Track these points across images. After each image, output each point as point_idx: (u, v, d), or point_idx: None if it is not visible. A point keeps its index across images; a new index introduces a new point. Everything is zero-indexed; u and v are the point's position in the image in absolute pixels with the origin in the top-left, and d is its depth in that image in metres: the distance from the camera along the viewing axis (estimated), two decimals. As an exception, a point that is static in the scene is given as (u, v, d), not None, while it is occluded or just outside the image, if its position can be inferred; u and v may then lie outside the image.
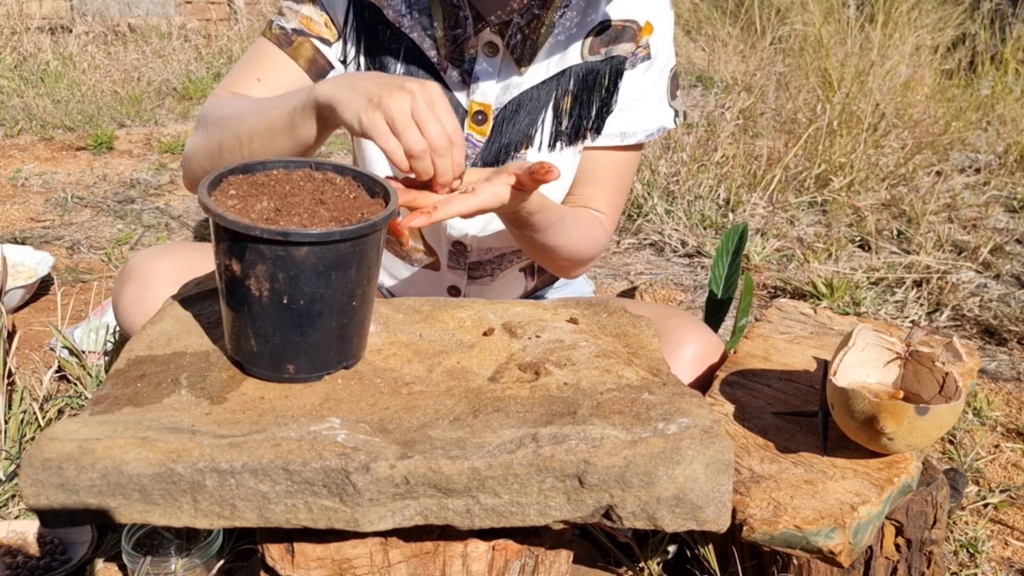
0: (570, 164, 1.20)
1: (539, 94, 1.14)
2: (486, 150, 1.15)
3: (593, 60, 1.15)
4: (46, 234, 2.53)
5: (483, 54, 1.13)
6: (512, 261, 1.27)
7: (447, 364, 0.87)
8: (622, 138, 1.19)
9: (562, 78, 1.15)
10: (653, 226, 2.65)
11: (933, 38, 4.03)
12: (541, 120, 1.15)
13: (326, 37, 1.14)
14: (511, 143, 1.15)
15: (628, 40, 1.15)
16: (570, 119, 1.16)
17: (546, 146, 1.16)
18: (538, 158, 1.16)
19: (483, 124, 1.15)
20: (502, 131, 1.15)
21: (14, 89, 4.02)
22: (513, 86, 1.14)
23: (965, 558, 1.28)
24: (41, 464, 0.69)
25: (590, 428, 0.74)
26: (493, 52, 1.12)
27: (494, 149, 1.15)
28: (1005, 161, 3.25)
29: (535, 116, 1.15)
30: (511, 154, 1.16)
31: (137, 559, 0.99)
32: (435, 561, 0.78)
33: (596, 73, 1.15)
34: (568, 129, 1.16)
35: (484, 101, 1.14)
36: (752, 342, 1.23)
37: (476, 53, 1.13)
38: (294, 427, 0.73)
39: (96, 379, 1.52)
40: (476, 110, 1.14)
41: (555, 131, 1.16)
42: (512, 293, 1.34)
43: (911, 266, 2.35)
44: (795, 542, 0.85)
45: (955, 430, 1.60)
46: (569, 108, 1.16)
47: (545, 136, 1.16)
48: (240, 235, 0.73)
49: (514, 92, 1.14)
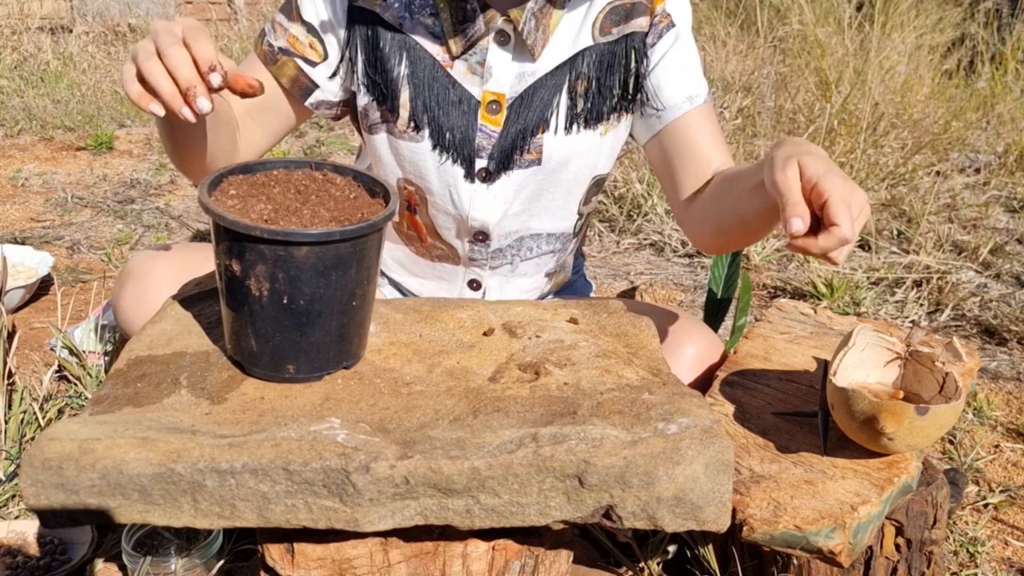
0: (594, 145, 1.18)
1: (554, 80, 1.14)
2: (502, 138, 1.15)
3: (606, 41, 1.14)
4: (46, 234, 2.53)
5: (495, 44, 1.12)
6: (532, 249, 1.26)
7: (447, 364, 0.87)
8: (691, 102, 1.16)
9: (575, 61, 1.14)
10: (653, 226, 2.65)
11: (932, 38, 4.03)
12: (556, 103, 1.15)
13: (311, 58, 1.17)
14: (527, 128, 1.15)
15: (641, 14, 1.14)
16: (586, 101, 1.15)
17: (562, 129, 1.16)
18: (554, 141, 1.16)
19: (497, 114, 1.14)
20: (517, 119, 1.14)
21: (14, 89, 4.02)
22: (528, 74, 1.13)
23: (965, 558, 1.28)
24: (41, 464, 0.69)
25: (590, 428, 0.74)
26: (505, 41, 1.12)
27: (510, 137, 1.15)
28: (1005, 161, 3.25)
29: (549, 100, 1.14)
30: (527, 139, 1.15)
31: (137, 559, 0.99)
32: (435, 561, 0.78)
33: (612, 55, 1.14)
34: (584, 111, 1.16)
35: (498, 91, 1.14)
36: (752, 342, 1.23)
37: (488, 42, 1.12)
38: (294, 427, 0.73)
39: (96, 379, 1.52)
40: (490, 100, 1.14)
41: (571, 114, 1.15)
42: (532, 292, 1.33)
43: (911, 266, 2.35)
44: (795, 542, 0.85)
45: (955, 430, 1.60)
46: (584, 91, 1.15)
47: (561, 119, 1.15)
48: (240, 235, 0.73)
49: (529, 80, 1.13)
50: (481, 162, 1.16)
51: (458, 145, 1.15)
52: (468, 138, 1.14)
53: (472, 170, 1.16)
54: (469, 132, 1.14)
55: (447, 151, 1.15)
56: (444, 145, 1.15)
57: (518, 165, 1.16)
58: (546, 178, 1.18)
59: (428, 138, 1.15)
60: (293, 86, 1.17)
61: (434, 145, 1.15)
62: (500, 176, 1.16)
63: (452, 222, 1.21)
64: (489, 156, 1.16)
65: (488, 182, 1.17)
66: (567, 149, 1.17)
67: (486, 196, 1.18)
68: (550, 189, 1.20)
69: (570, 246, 1.30)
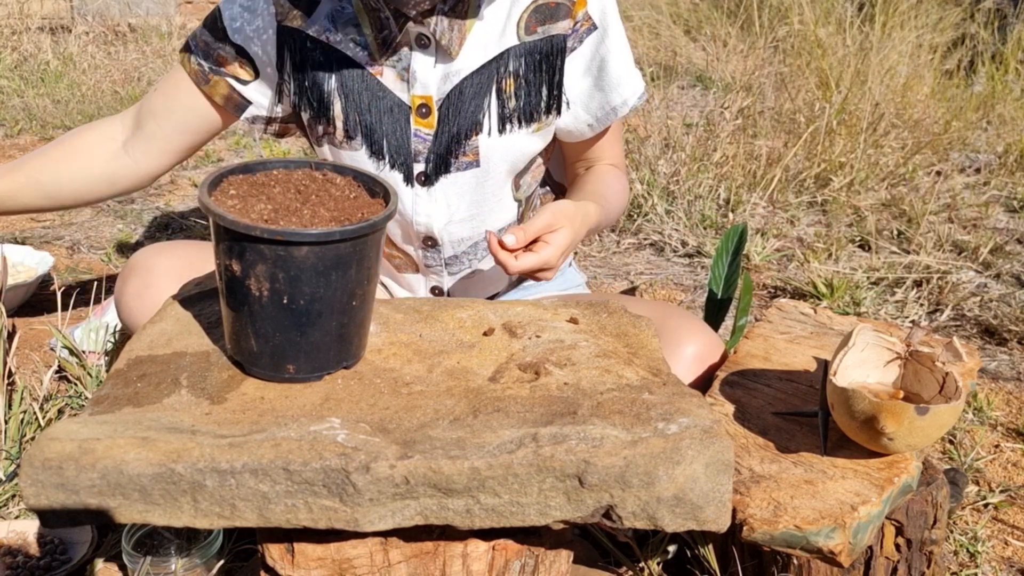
0: (531, 141, 1.20)
1: (480, 79, 1.15)
2: (436, 142, 1.16)
3: (531, 40, 1.15)
4: (46, 234, 2.53)
5: (416, 47, 1.13)
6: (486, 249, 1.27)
7: (447, 364, 0.87)
8: (592, 129, 1.23)
9: (501, 60, 1.15)
10: (653, 226, 2.65)
11: (933, 38, 4.03)
12: (487, 104, 1.16)
13: (242, 77, 1.20)
14: (460, 131, 1.16)
15: (563, 17, 1.15)
16: (517, 99, 1.17)
17: (495, 130, 1.17)
18: (489, 142, 1.17)
19: (428, 117, 1.15)
20: (448, 121, 1.15)
21: (14, 89, 4.02)
22: (452, 74, 1.14)
23: (965, 558, 1.28)
24: (41, 464, 0.69)
25: (590, 428, 0.74)
26: (426, 44, 1.13)
27: (444, 140, 1.16)
28: (1005, 161, 3.25)
29: (480, 101, 1.15)
30: (462, 142, 1.16)
31: (137, 559, 0.99)
32: (435, 561, 0.78)
33: (538, 52, 1.16)
34: (516, 110, 1.17)
35: (425, 93, 1.15)
36: (752, 342, 1.23)
37: (410, 48, 1.13)
38: (294, 427, 0.74)
39: (96, 379, 1.52)
40: (419, 104, 1.15)
41: (502, 114, 1.17)
42: (497, 285, 1.34)
43: (911, 266, 2.35)
44: (795, 542, 0.85)
45: (955, 430, 1.60)
46: (514, 90, 1.16)
47: (493, 120, 1.16)
48: (240, 235, 0.73)
49: (455, 80, 1.14)
50: (419, 166, 1.17)
51: (394, 151, 1.17)
52: (403, 144, 1.16)
53: (411, 175, 1.18)
54: (403, 138, 1.16)
55: (383, 158, 1.17)
56: (380, 152, 1.17)
57: (456, 168, 1.18)
58: (486, 179, 1.20)
59: (364, 146, 1.17)
60: (227, 103, 1.22)
61: (370, 153, 1.17)
62: (439, 179, 1.18)
63: (398, 227, 1.24)
64: (426, 160, 1.17)
65: (427, 185, 1.18)
66: (503, 149, 1.18)
67: (427, 200, 1.19)
68: (492, 188, 1.21)
69: None
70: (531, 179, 1.28)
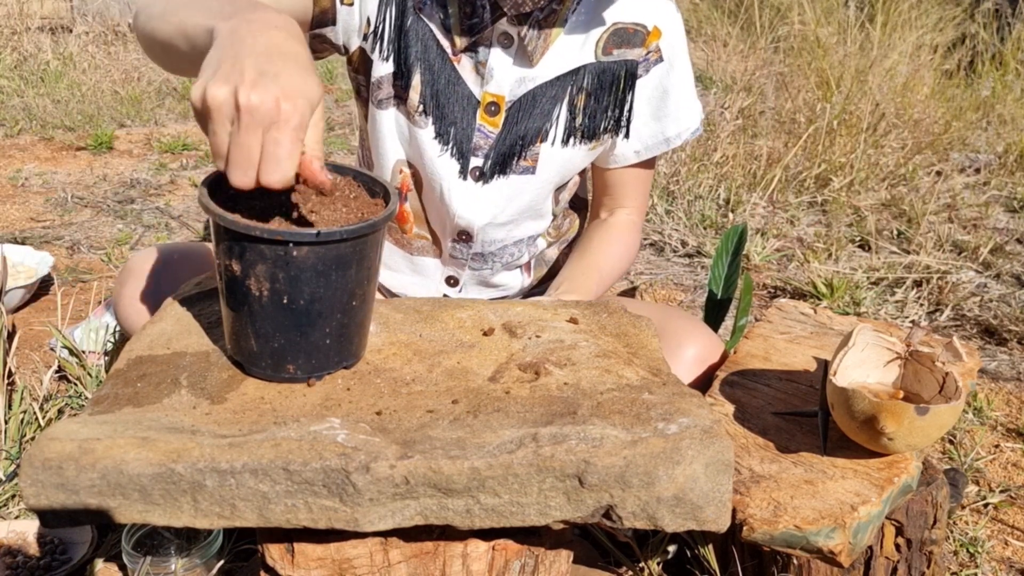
0: (585, 158, 1.22)
1: (555, 89, 1.15)
2: (500, 141, 1.16)
3: (607, 60, 1.16)
4: (46, 234, 2.53)
5: (498, 45, 1.13)
6: (514, 255, 1.27)
7: (447, 364, 0.87)
8: (666, 144, 1.24)
9: (577, 75, 1.16)
10: (653, 226, 2.65)
11: (933, 38, 4.03)
12: (556, 115, 1.16)
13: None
14: (526, 136, 1.16)
15: (638, 44, 1.17)
16: (584, 116, 1.18)
17: (559, 141, 1.18)
18: (551, 152, 1.18)
19: (495, 115, 1.16)
20: (516, 123, 1.16)
21: (14, 89, 4.02)
22: (528, 79, 1.15)
23: (965, 558, 1.28)
24: (41, 464, 0.69)
25: (590, 428, 0.74)
26: (508, 43, 1.13)
27: (508, 141, 1.16)
28: (1005, 161, 3.25)
29: (549, 111, 1.16)
30: (526, 147, 1.17)
31: (137, 559, 0.99)
32: (435, 561, 0.78)
33: (611, 74, 1.17)
34: (583, 126, 1.18)
35: (498, 92, 1.15)
36: (752, 342, 1.23)
37: (491, 43, 1.13)
38: (294, 427, 0.73)
39: (96, 379, 1.52)
40: (489, 101, 1.15)
41: (569, 127, 1.18)
42: (508, 293, 1.34)
43: (911, 266, 2.35)
44: (795, 542, 0.85)
45: (955, 430, 1.60)
46: (584, 106, 1.17)
47: (559, 131, 1.17)
48: (240, 235, 0.73)
49: (529, 86, 1.15)
50: (476, 160, 1.17)
51: (458, 140, 1.16)
52: (467, 135, 1.16)
53: (467, 168, 1.17)
54: (468, 129, 1.15)
55: (447, 144, 1.16)
56: (446, 137, 1.16)
57: (513, 171, 1.18)
58: (538, 187, 1.20)
59: (432, 126, 1.16)
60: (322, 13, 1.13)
61: (436, 134, 1.16)
62: (494, 178, 1.18)
63: (438, 215, 1.23)
64: (485, 156, 1.17)
65: (481, 182, 1.18)
66: (561, 160, 1.19)
67: (476, 196, 1.19)
68: (539, 197, 1.22)
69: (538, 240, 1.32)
70: (567, 195, 1.29)
